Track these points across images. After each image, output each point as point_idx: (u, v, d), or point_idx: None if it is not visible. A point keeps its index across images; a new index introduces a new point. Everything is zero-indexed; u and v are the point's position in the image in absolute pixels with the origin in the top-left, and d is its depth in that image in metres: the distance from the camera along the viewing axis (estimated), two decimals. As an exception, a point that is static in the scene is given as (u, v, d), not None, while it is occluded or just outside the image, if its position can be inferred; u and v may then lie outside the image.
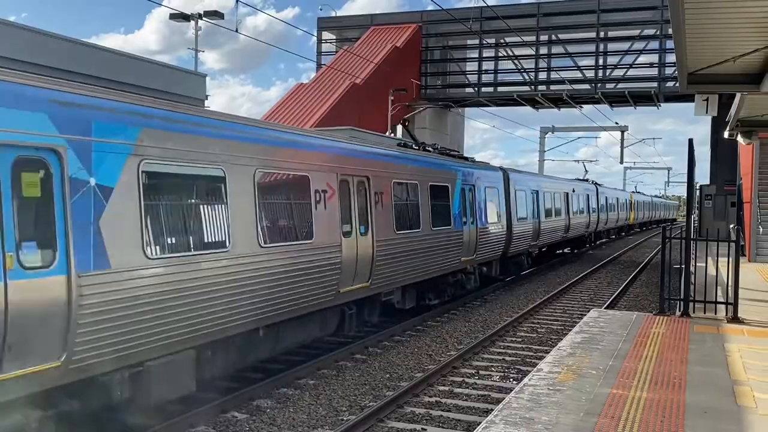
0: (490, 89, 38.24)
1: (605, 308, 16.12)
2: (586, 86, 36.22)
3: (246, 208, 8.16)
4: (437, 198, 14.55)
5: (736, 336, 9.66)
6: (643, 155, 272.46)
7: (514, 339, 13.62)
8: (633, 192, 61.33)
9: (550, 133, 53.25)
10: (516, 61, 37.18)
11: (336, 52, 37.78)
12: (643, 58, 35.42)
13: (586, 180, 38.62)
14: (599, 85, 35.58)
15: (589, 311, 12.01)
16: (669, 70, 34.02)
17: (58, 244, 5.86)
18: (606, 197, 39.25)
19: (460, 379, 10.59)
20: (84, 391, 6.43)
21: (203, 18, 18.60)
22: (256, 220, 8.30)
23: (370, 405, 9.16)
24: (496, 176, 19.72)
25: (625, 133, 52.05)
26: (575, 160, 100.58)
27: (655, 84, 34.54)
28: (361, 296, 11.19)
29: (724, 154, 33.26)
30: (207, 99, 15.75)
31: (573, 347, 8.74)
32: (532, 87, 36.77)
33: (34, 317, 5.60)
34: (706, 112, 10.88)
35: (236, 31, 23.24)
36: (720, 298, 11.24)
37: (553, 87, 36.56)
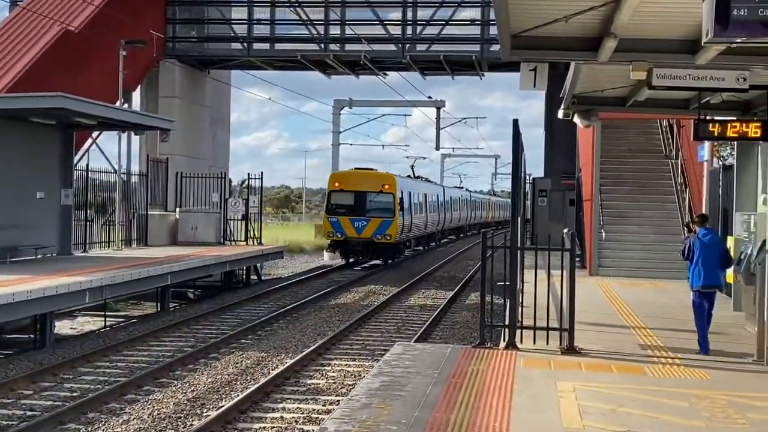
0: (265, 46, 38.34)
1: (414, 341, 16.79)
2: (391, 47, 37.50)
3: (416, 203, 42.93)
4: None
5: (571, 371, 10.47)
6: (466, 140, 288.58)
7: (296, 389, 13.76)
8: (491, 195, 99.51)
9: (346, 108, 54.53)
10: (299, 10, 37.63)
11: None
12: (462, 13, 37.29)
13: (461, 187, 75.34)
14: (408, 46, 36.98)
15: (393, 345, 12.42)
16: (495, 30, 36.14)
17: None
18: (476, 201, 74.53)
19: (220, 448, 10.48)
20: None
21: None
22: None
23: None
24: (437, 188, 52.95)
25: (443, 110, 54.76)
26: (381, 145, 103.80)
27: (477, 47, 36.52)
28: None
29: (560, 140, 36.13)
30: None
31: (369, 395, 8.98)
32: (322, 45, 37.41)
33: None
34: (534, 86, 11.68)
35: None
36: (554, 323, 12.13)
37: (348, 47, 37.42)
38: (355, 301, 25.48)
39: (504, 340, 12.02)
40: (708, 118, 14.37)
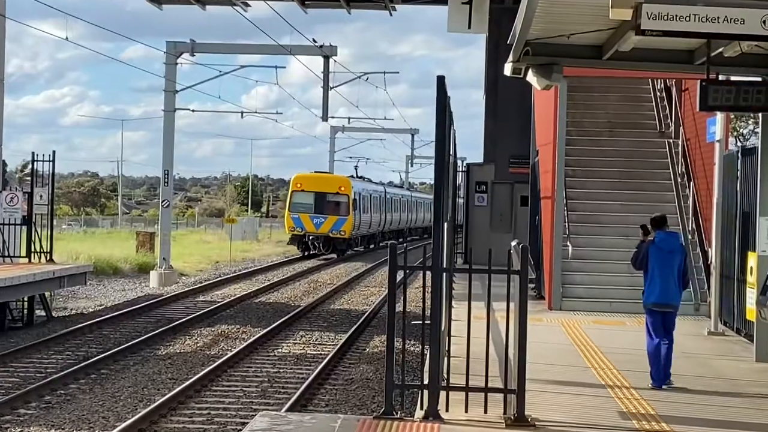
0: (61, -42, 37.89)
1: (286, 410, 16.75)
2: (255, -37, 37.47)
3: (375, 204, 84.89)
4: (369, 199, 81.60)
5: (520, 452, 10.61)
6: (370, 106, 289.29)
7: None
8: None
9: (186, 55, 53.96)
10: None
11: None
12: None
13: (402, 186, 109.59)
14: (280, -38, 37.01)
15: (255, 417, 12.40)
16: (410, -58, 36.43)
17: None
18: (418, 202, 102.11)
19: None
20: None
21: None
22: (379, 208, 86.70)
23: None
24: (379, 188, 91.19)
25: (334, 61, 54.72)
26: (239, 111, 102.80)
27: (385, -33, 36.81)
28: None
29: (509, 108, 36.61)
30: None
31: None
32: (148, -41, 37.18)
33: None
34: (469, 27, 11.75)
35: None
36: (496, 382, 12.24)
37: (189, -38, 37.27)
38: (197, 348, 25.32)
39: (422, 407, 12.09)
40: (721, 78, 14.71)
